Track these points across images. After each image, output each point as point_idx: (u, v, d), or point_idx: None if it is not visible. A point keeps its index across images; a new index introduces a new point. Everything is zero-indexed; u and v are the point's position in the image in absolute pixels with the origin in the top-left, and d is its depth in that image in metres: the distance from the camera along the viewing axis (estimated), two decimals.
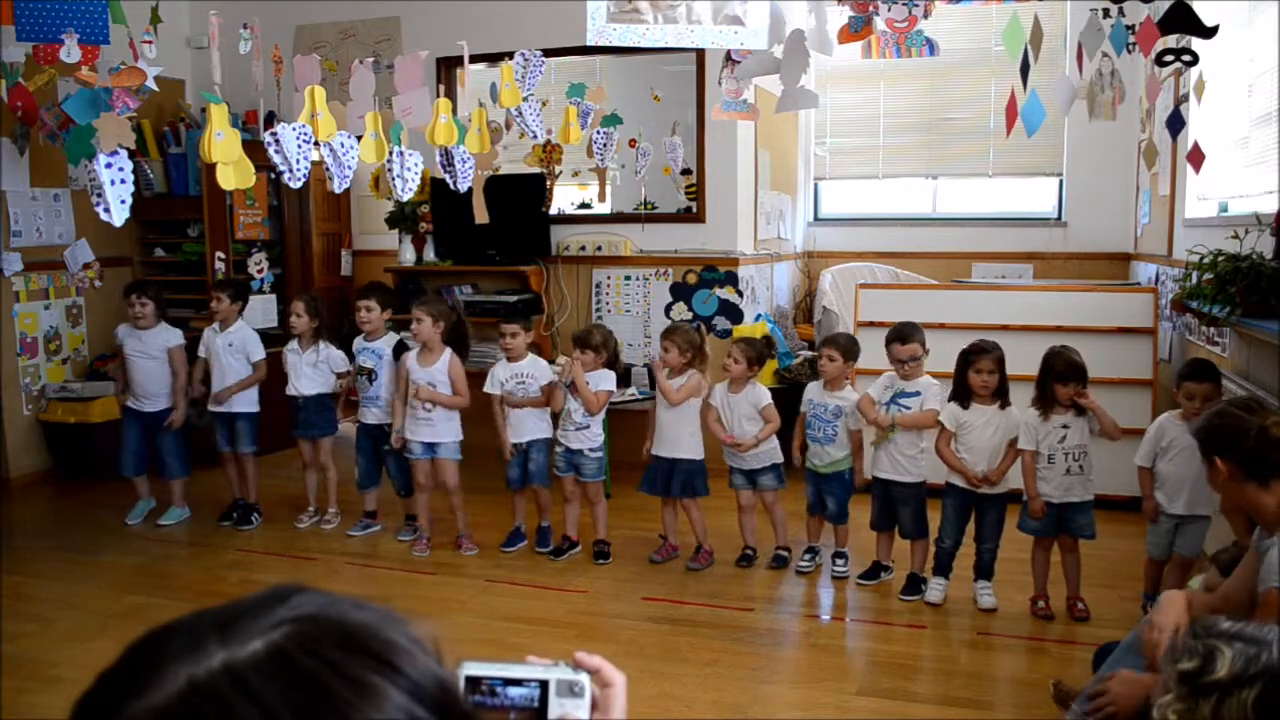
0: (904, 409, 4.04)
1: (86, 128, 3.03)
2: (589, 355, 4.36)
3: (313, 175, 3.62)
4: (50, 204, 5.98)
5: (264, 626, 0.60)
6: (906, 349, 4.01)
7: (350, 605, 0.64)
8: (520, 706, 0.79)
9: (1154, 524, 3.64)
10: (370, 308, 4.80)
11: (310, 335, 4.91)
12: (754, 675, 3.40)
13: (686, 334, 4.35)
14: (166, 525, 5.01)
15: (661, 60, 5.88)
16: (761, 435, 4.25)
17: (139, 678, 0.59)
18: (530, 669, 0.81)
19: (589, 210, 6.40)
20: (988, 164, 6.99)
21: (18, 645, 3.63)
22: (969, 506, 3.94)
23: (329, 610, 0.63)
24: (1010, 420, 3.87)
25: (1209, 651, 1.19)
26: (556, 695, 0.80)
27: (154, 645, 0.61)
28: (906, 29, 3.82)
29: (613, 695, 0.84)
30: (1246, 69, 4.72)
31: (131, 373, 4.94)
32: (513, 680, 0.80)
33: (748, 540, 4.46)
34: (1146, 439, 3.67)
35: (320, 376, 4.93)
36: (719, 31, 3.10)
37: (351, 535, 4.87)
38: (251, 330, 5.07)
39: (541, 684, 0.80)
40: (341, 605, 0.64)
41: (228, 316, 4.95)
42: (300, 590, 0.65)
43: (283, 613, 0.62)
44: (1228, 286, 3.77)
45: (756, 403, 4.27)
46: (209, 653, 0.58)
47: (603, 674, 0.84)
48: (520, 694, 0.80)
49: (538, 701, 0.80)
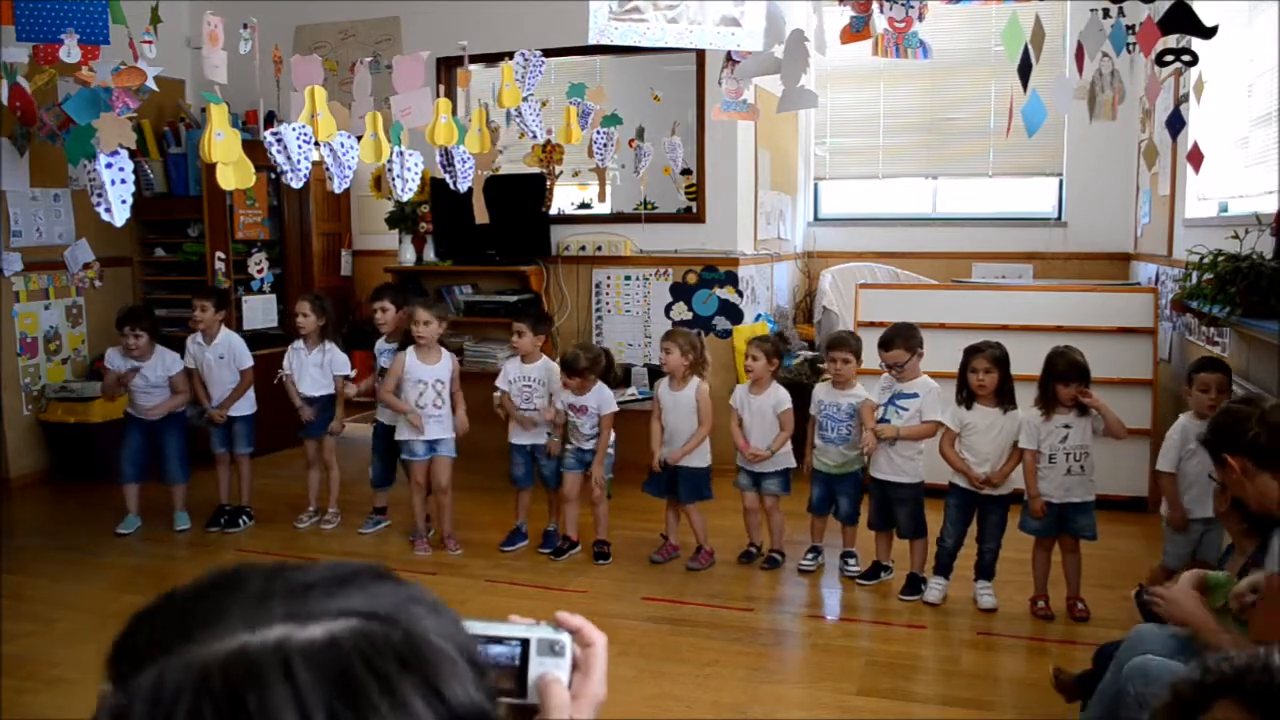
0: (901, 410, 4.04)
1: (86, 128, 3.02)
2: (576, 380, 4.35)
3: (313, 175, 3.61)
4: (50, 204, 5.98)
5: (333, 611, 0.59)
6: (890, 355, 4.03)
7: (425, 609, 0.62)
8: (500, 665, 0.80)
9: (1179, 533, 3.51)
10: (385, 309, 4.81)
11: (316, 335, 4.91)
12: (754, 675, 3.39)
13: (686, 335, 4.36)
14: (181, 530, 4.99)
15: (661, 60, 5.88)
16: (775, 446, 4.25)
17: (199, 620, 0.58)
18: (512, 627, 0.82)
19: (589, 210, 6.40)
20: (988, 164, 6.99)
21: (18, 645, 3.63)
22: (971, 507, 3.94)
23: (400, 613, 0.61)
24: (1014, 423, 3.86)
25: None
26: (537, 654, 0.81)
27: (225, 589, 0.60)
28: (904, 29, 3.82)
29: (593, 655, 0.84)
30: (1246, 69, 4.72)
31: (132, 395, 4.91)
32: (494, 638, 0.80)
33: (753, 537, 4.46)
34: (1169, 443, 3.55)
35: (325, 378, 4.94)
36: (717, 32, 3.10)
37: (363, 532, 4.87)
38: (237, 337, 5.04)
39: (523, 642, 0.81)
40: (416, 609, 0.62)
41: (210, 326, 4.90)
42: (381, 577, 0.64)
43: (357, 601, 0.60)
44: (1228, 286, 3.77)
45: (777, 406, 4.26)
46: (270, 621, 0.57)
47: (583, 633, 0.84)
48: (501, 651, 0.80)
49: (519, 660, 0.80)
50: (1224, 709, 1.06)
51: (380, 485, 4.94)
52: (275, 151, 3.31)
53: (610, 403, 4.45)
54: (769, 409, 4.26)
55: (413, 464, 4.64)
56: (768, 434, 4.27)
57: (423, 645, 0.60)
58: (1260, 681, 1.05)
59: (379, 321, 4.86)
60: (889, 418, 4.07)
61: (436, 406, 4.56)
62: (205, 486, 5.36)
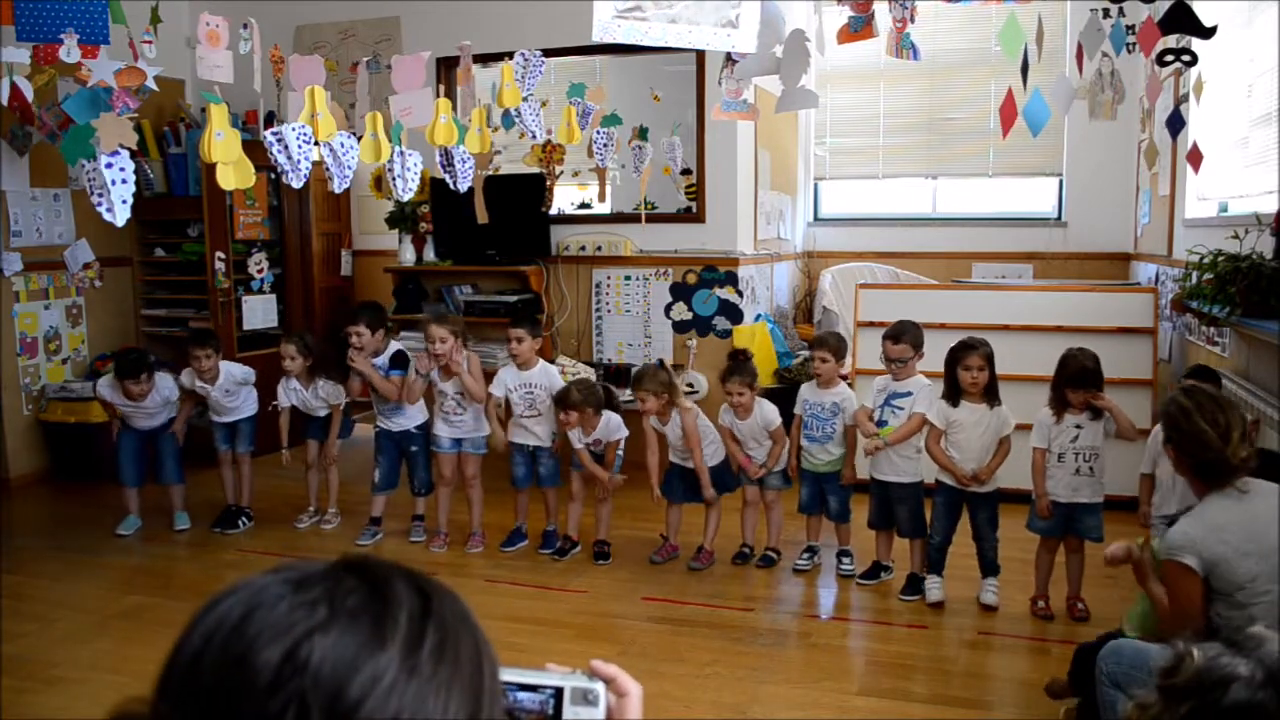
0: (897, 409, 4.05)
1: (85, 128, 3.02)
2: (574, 415, 4.35)
3: (313, 175, 3.61)
4: (50, 204, 5.98)
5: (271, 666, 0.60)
6: (897, 348, 4.03)
7: (366, 676, 0.61)
8: (531, 713, 0.80)
9: (1151, 528, 3.58)
10: (360, 333, 4.70)
11: (305, 375, 4.91)
12: (754, 675, 3.39)
13: (653, 377, 4.32)
14: (181, 530, 4.99)
15: (661, 60, 5.88)
16: (770, 463, 4.29)
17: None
18: (547, 676, 0.82)
19: (589, 210, 6.40)
20: (988, 164, 6.99)
21: (18, 645, 3.63)
22: (959, 505, 3.96)
23: (332, 677, 0.60)
24: (1000, 419, 3.87)
25: (1180, 655, 1.19)
26: (571, 703, 0.81)
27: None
28: (900, 30, 3.82)
29: (628, 705, 0.85)
30: (1246, 69, 4.72)
31: (129, 419, 4.91)
32: (527, 686, 0.80)
33: (746, 537, 4.47)
34: (1149, 448, 3.59)
35: (329, 403, 4.97)
36: (713, 33, 3.10)
37: (361, 544, 4.81)
38: (234, 367, 5.01)
39: (556, 691, 0.81)
40: (353, 672, 0.61)
41: (213, 371, 4.86)
42: (327, 631, 0.62)
43: (302, 656, 0.61)
44: (1228, 286, 3.77)
45: (767, 425, 4.29)
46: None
47: (618, 683, 0.84)
48: (530, 699, 0.80)
49: (553, 709, 0.81)
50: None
51: (384, 489, 4.91)
52: (275, 151, 3.31)
53: (616, 430, 4.45)
54: (759, 430, 4.31)
55: (440, 456, 4.68)
56: (762, 447, 4.33)
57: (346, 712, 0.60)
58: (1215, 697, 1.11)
59: (354, 345, 4.70)
60: (885, 419, 4.08)
61: (457, 414, 4.64)
62: (204, 486, 5.36)
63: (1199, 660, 1.16)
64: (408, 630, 0.64)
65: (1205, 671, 1.15)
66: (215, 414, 5.01)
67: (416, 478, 4.88)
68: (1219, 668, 1.14)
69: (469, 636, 0.68)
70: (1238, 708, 1.11)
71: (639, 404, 4.33)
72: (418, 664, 0.63)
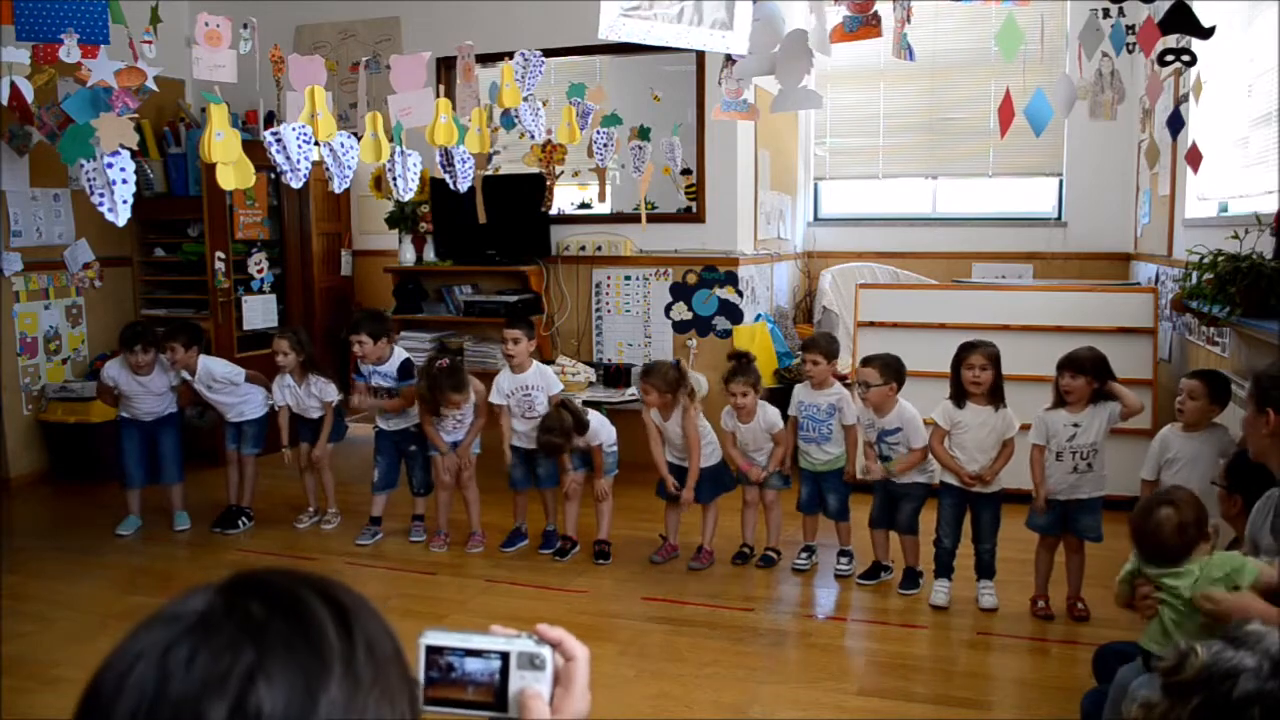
0: (895, 446, 4.04)
1: (84, 127, 3.02)
2: (563, 440, 4.36)
3: (313, 175, 3.61)
4: (50, 204, 5.98)
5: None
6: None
7: (324, 707, 0.58)
8: (479, 682, 0.78)
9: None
10: (362, 341, 4.70)
11: (299, 370, 4.90)
12: (754, 675, 3.40)
13: (662, 372, 4.29)
14: (181, 530, 4.99)
15: (661, 60, 5.88)
16: (771, 466, 4.30)
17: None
18: (492, 640, 0.80)
19: (589, 210, 6.40)
20: (988, 164, 6.99)
21: (18, 645, 3.63)
22: (963, 506, 3.95)
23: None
24: (1004, 421, 3.87)
25: (1183, 653, 1.19)
26: (517, 668, 0.79)
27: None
28: (899, 29, 3.82)
29: (575, 669, 0.82)
30: (1246, 69, 4.72)
31: (130, 401, 4.90)
32: (473, 651, 0.79)
33: (746, 538, 4.47)
34: (1151, 452, 3.59)
35: (321, 403, 4.96)
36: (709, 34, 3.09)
37: (361, 544, 4.78)
38: (216, 364, 5.00)
39: (503, 656, 0.79)
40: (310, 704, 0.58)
41: (189, 363, 4.86)
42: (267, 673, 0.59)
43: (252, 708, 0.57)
44: (1228, 286, 3.77)
45: (770, 427, 4.29)
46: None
47: (565, 646, 0.82)
48: (479, 667, 0.78)
49: (499, 674, 0.78)
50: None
51: (383, 488, 4.91)
52: (275, 151, 3.31)
53: (597, 436, 4.44)
54: (761, 434, 4.30)
55: (438, 461, 4.69)
56: (764, 449, 4.33)
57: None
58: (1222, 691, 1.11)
59: (357, 355, 4.73)
60: (889, 455, 4.08)
61: (456, 426, 4.68)
62: (204, 486, 5.36)
63: (1204, 656, 1.16)
64: (340, 645, 0.61)
65: (1212, 665, 1.15)
66: (223, 413, 5.03)
67: (416, 477, 4.88)
68: (1225, 661, 1.15)
69: (376, 622, 0.65)
70: (1248, 698, 1.11)
71: (641, 395, 4.33)
72: (359, 676, 0.60)
